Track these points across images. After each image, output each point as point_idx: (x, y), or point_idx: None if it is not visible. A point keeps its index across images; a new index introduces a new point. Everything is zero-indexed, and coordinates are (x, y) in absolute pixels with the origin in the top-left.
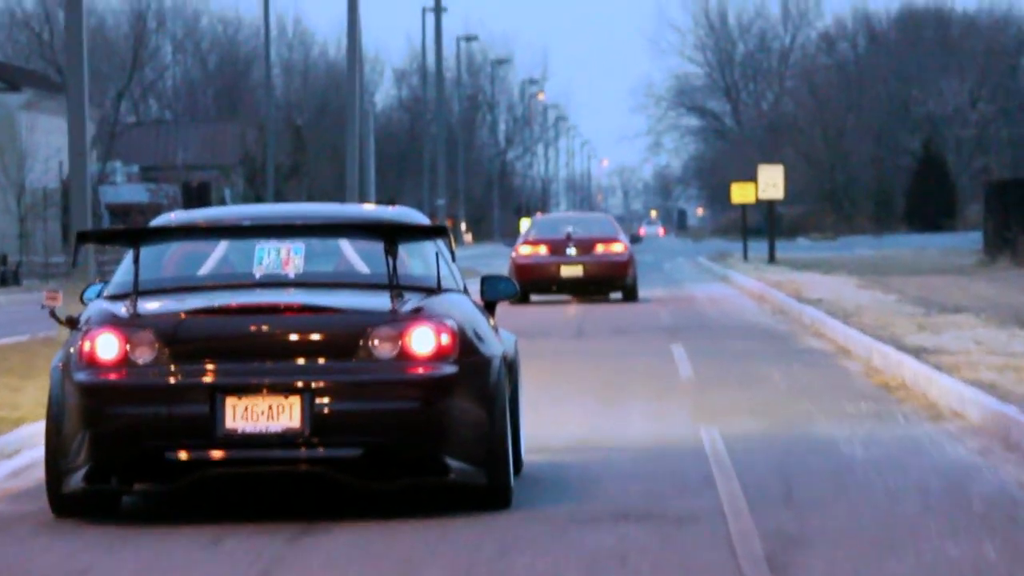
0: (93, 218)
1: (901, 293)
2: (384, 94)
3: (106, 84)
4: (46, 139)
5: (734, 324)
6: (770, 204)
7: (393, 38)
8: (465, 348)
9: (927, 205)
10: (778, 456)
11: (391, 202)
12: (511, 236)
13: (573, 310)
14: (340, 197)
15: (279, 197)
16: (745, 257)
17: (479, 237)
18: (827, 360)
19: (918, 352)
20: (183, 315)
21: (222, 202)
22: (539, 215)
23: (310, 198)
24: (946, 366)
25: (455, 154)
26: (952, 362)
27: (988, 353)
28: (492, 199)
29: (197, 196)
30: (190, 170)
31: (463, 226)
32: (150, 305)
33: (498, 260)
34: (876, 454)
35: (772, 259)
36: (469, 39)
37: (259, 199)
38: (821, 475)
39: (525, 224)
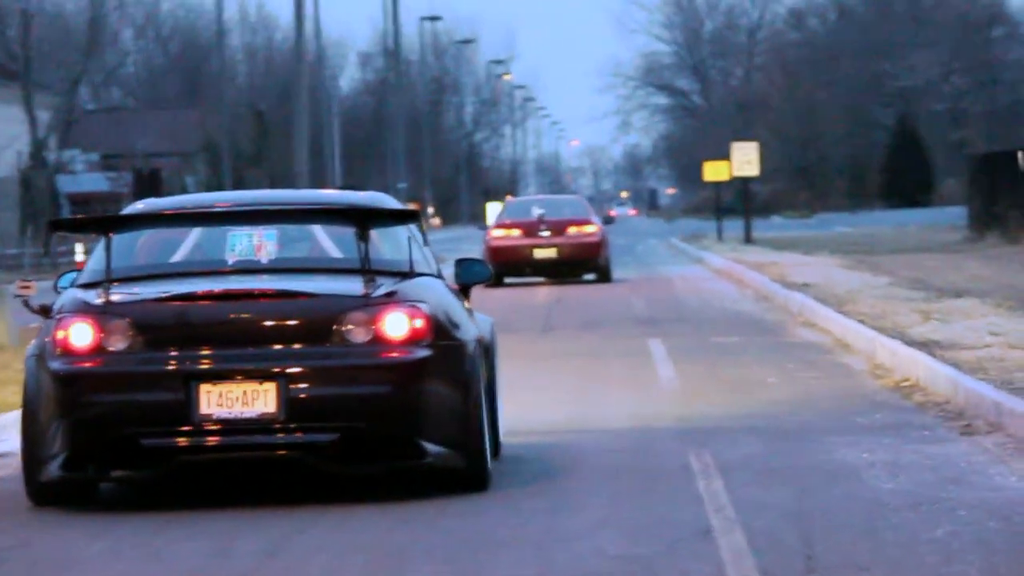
0: (52, 207)
1: (892, 275)
2: (349, 78)
3: (67, 71)
4: None
5: (716, 313)
6: (745, 182)
7: (358, 21)
8: (439, 332)
9: (903, 181)
10: (789, 493)
11: (353, 188)
12: (480, 220)
13: (544, 295)
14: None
15: (241, 184)
16: (720, 237)
17: (447, 221)
18: (825, 356)
19: (929, 346)
20: (156, 302)
21: (183, 190)
22: (509, 198)
23: (272, 184)
24: (968, 364)
25: (420, 137)
26: (973, 359)
27: (1010, 347)
28: (460, 182)
29: (149, 184)
30: (151, 158)
31: (430, 210)
32: (123, 293)
33: (466, 244)
34: (908, 485)
35: (749, 239)
36: (433, 19)
37: (220, 187)
38: (847, 520)
39: (492, 208)
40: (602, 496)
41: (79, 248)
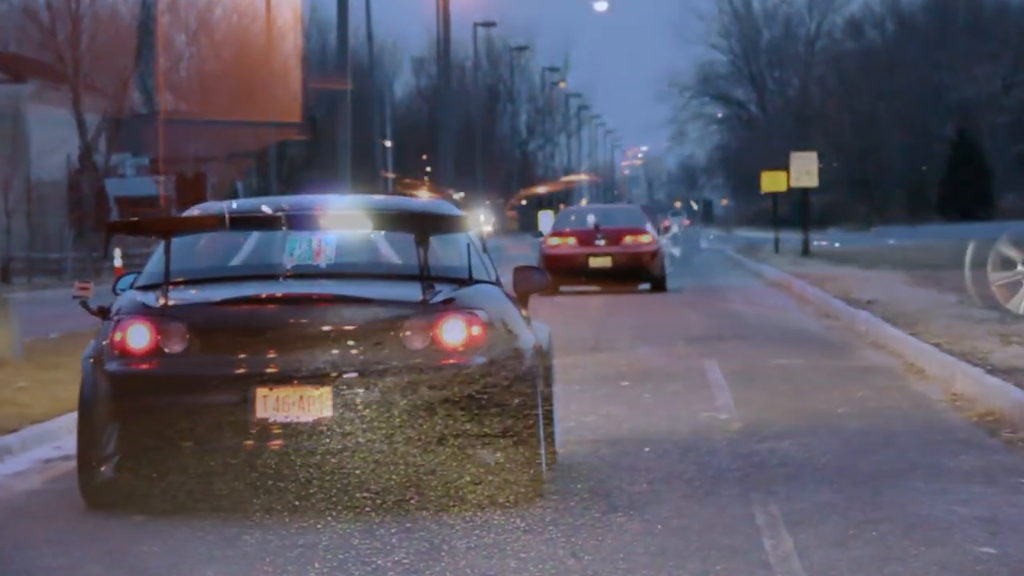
0: (101, 211)
1: (960, 292)
2: (403, 83)
3: (117, 75)
4: (46, 131)
5: (775, 331)
6: (804, 193)
7: (413, 26)
8: (496, 339)
9: (962, 194)
10: (871, 557)
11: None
12: (533, 228)
13: (595, 306)
14: (347, 189)
15: (291, 189)
16: (776, 249)
17: (498, 229)
18: (897, 383)
19: (1014, 374)
20: (214, 305)
21: (233, 194)
22: (563, 207)
23: (325, 191)
24: None
25: (473, 144)
26: None
27: None
28: (513, 190)
29: (193, 188)
30: (200, 162)
31: (481, 218)
32: (181, 295)
33: (518, 255)
34: (1012, 550)
35: (807, 252)
36: (487, 25)
37: (268, 192)
38: None
39: (544, 216)
40: (648, 553)
41: (117, 253)
